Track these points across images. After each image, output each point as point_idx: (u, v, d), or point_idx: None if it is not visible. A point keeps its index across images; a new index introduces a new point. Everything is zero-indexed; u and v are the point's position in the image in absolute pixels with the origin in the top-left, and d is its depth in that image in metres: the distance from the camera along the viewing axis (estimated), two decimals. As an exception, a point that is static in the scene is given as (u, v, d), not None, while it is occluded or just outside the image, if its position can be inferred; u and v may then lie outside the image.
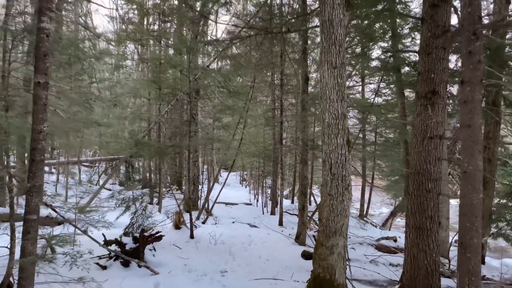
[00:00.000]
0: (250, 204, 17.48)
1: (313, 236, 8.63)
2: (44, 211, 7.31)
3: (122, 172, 17.95)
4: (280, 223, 11.05)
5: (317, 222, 11.41)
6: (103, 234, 5.42)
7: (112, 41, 17.20)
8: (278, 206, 12.76)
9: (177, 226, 8.06)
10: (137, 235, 5.47)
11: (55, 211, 5.02)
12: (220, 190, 12.33)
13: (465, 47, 3.82)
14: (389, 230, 14.98)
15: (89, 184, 17.72)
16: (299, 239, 8.13)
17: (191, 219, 7.70)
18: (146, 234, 5.62)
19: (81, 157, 22.79)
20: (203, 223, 10.55)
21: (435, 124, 5.25)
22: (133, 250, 5.28)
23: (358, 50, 11.79)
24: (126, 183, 8.36)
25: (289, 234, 8.81)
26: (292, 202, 18.38)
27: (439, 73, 5.25)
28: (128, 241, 5.41)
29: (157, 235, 5.63)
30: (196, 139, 8.82)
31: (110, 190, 14.04)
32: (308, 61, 10.94)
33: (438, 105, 5.25)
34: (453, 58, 8.57)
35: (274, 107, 13.58)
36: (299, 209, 8.22)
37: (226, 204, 16.55)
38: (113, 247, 5.37)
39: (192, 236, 7.68)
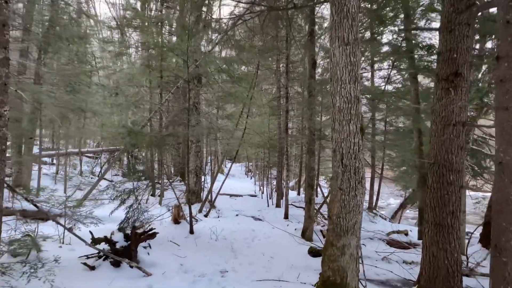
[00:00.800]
0: (255, 196, 17.04)
1: (321, 231, 8.16)
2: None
3: (126, 163, 17.58)
4: (286, 217, 10.58)
5: (325, 216, 10.91)
6: (90, 232, 4.96)
7: (114, 28, 16.72)
8: (284, 198, 12.32)
9: (176, 220, 7.61)
10: (129, 232, 5.01)
11: (36, 206, 4.56)
12: (223, 182, 11.86)
13: (503, 16, 3.26)
14: (399, 223, 14.49)
15: (90, 176, 17.40)
16: (306, 234, 7.63)
17: (190, 213, 7.24)
18: (138, 231, 5.16)
19: (84, 148, 22.47)
20: (206, 216, 10.11)
21: (458, 109, 4.70)
22: (124, 248, 4.83)
23: (367, 35, 11.16)
24: (128, 174, 7.90)
25: (295, 229, 8.32)
26: (298, 194, 17.91)
27: (462, 52, 4.68)
28: (119, 239, 4.96)
29: (150, 232, 5.15)
30: (195, 128, 8.31)
31: (111, 181, 13.65)
32: (316, 49, 10.34)
33: (461, 88, 4.70)
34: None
35: (279, 95, 13.01)
36: (306, 202, 7.71)
37: (231, 195, 16.13)
38: (103, 245, 4.91)
39: (191, 231, 7.22)
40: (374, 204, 14.62)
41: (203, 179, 15.68)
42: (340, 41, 3.97)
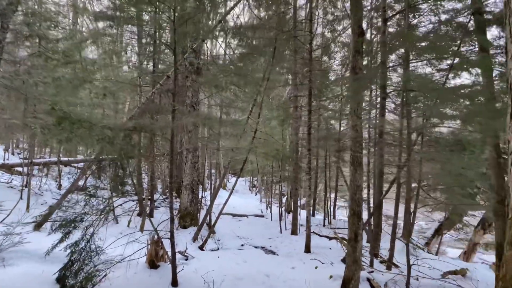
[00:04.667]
0: (262, 216, 14.39)
1: (368, 279, 5.55)
2: None
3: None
4: (307, 249, 7.95)
5: (364, 254, 8.24)
6: None
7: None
8: (303, 224, 9.76)
9: (153, 263, 5.03)
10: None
11: None
12: (226, 200, 9.21)
13: None
14: (437, 254, 11.84)
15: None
16: (349, 286, 5.03)
17: (173, 253, 4.68)
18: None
19: (74, 157, 19.98)
20: (201, 248, 7.54)
21: None
22: None
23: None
24: (115, 189, 5.42)
25: (331, 276, 5.66)
26: (313, 215, 15.28)
27: None
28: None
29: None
30: (184, 117, 5.78)
31: (99, 198, 11.00)
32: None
33: None
34: None
35: (297, 94, 10.53)
36: (349, 238, 5.10)
37: (234, 215, 13.56)
38: None
39: (174, 283, 4.65)
40: (410, 230, 11.87)
41: (203, 195, 13.11)
42: None
